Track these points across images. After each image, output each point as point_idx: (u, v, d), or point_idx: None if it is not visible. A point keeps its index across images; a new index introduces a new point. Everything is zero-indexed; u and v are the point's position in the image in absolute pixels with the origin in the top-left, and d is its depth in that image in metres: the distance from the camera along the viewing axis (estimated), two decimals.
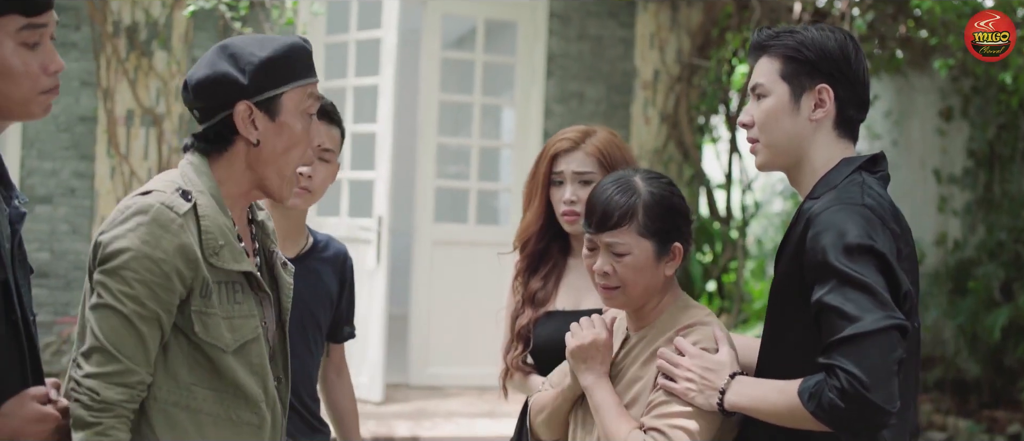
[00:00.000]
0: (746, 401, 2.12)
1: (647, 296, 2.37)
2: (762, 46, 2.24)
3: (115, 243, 2.06)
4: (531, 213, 3.05)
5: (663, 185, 2.38)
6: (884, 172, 2.22)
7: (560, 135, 3.03)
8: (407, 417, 6.69)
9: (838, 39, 2.19)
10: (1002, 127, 8.43)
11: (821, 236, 2.03)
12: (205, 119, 2.19)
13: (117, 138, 7.18)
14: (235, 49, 2.17)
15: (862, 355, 1.91)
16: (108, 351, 2.03)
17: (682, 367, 2.21)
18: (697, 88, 8.17)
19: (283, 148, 2.20)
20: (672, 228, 2.34)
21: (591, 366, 2.37)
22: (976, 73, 7.95)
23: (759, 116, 2.23)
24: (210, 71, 2.16)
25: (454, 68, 8.42)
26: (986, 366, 8.01)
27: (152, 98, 7.26)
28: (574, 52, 8.04)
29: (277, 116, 2.18)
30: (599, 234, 2.36)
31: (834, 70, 2.17)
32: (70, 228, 7.24)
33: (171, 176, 2.19)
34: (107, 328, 2.04)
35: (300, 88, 2.20)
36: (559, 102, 8.01)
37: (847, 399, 1.91)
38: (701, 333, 2.30)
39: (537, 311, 3.01)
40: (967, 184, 8.64)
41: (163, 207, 2.08)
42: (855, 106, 2.22)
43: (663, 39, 8.13)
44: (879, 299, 1.95)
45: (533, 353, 2.99)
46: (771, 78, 2.22)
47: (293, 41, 2.21)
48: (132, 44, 7.19)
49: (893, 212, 2.12)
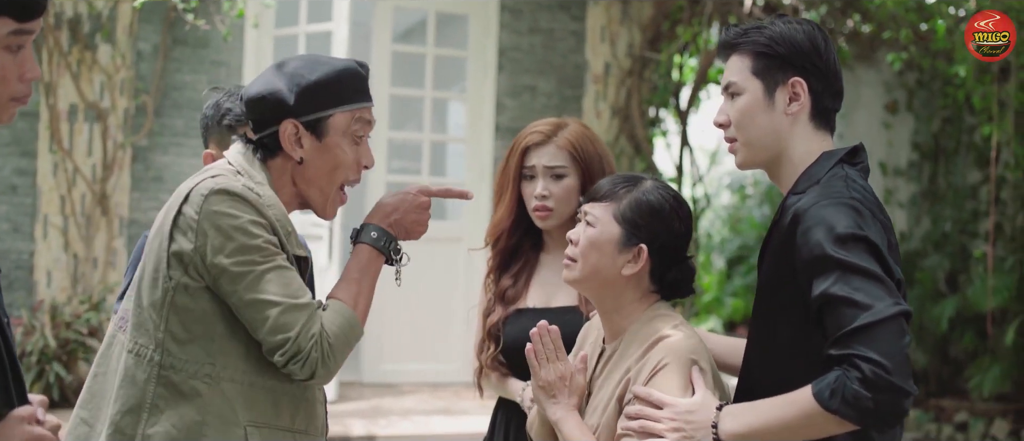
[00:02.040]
0: (746, 427, 2.05)
1: (600, 285, 2.32)
2: (731, 44, 2.22)
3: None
4: (502, 208, 3.00)
5: (666, 195, 2.34)
6: (864, 163, 2.20)
7: (531, 128, 2.97)
8: (362, 415, 6.62)
9: (806, 30, 2.18)
10: (946, 120, 8.56)
11: (812, 231, 2.00)
12: (257, 131, 2.23)
13: (60, 133, 7.00)
14: (289, 68, 2.21)
15: (879, 342, 1.89)
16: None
17: (664, 419, 2.14)
18: (648, 82, 8.18)
19: (328, 169, 2.23)
20: (645, 229, 2.30)
21: (558, 400, 2.34)
22: (922, 67, 8.05)
23: (734, 115, 2.21)
24: (263, 88, 2.21)
25: (404, 61, 8.34)
26: (933, 356, 8.13)
27: (96, 92, 7.09)
28: (525, 45, 8.00)
29: (324, 137, 2.21)
30: (585, 204, 2.37)
31: (806, 62, 2.16)
32: (11, 226, 7.05)
33: (222, 166, 2.21)
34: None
35: (349, 112, 2.22)
36: (510, 96, 7.97)
37: (872, 387, 1.88)
38: (659, 353, 2.21)
39: (507, 309, 2.96)
40: (912, 177, 8.75)
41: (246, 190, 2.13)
42: (830, 96, 2.20)
43: (614, 32, 8.13)
44: (886, 286, 1.94)
45: (503, 352, 2.94)
46: (743, 76, 2.20)
47: (348, 65, 2.24)
48: (75, 37, 7.01)
49: (878, 204, 2.11)
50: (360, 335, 2.20)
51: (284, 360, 2.08)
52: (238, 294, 2.08)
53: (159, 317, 2.11)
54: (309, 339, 2.07)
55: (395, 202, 2.29)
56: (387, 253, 2.27)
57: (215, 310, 2.11)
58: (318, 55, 2.28)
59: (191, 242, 2.08)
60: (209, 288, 2.10)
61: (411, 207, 2.30)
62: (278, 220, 2.15)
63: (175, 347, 2.11)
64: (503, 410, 2.99)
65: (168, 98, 7.28)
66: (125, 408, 2.11)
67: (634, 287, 2.32)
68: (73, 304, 6.84)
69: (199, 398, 2.10)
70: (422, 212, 2.31)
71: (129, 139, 7.12)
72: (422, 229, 2.33)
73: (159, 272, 2.11)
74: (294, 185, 2.24)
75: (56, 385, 6.40)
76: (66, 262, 7.06)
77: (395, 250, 2.28)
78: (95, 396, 2.22)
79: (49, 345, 6.42)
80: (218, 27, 6.52)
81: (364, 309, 2.21)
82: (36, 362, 6.42)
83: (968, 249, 8.30)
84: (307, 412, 2.22)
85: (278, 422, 2.16)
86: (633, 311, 2.33)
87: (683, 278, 2.36)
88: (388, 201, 2.30)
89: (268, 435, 2.14)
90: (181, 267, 2.10)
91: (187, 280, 2.10)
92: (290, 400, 2.18)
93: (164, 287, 2.11)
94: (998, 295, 7.28)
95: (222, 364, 2.11)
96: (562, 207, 2.90)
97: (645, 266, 2.30)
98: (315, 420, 2.25)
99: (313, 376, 2.11)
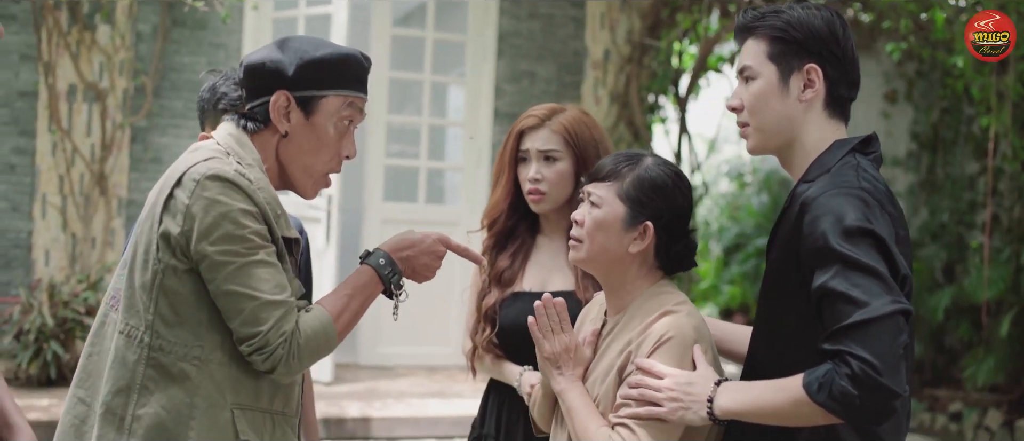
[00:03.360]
0: (739, 405, 2.07)
1: (607, 263, 2.34)
2: (748, 28, 2.20)
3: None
4: (499, 191, 3.02)
5: (667, 171, 2.35)
6: (877, 153, 2.18)
7: (528, 112, 2.98)
8: (357, 397, 6.64)
9: (825, 17, 2.14)
10: (945, 111, 8.56)
11: (819, 221, 1.98)
12: (249, 100, 2.24)
13: (59, 113, 7.01)
14: (293, 44, 2.24)
15: (872, 340, 1.87)
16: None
17: (664, 389, 2.15)
18: (647, 68, 8.18)
19: (310, 148, 2.24)
20: (650, 205, 2.31)
21: (563, 372, 2.36)
22: (921, 57, 8.05)
23: (748, 99, 2.19)
24: (263, 57, 2.23)
25: (403, 45, 8.34)
26: (929, 346, 8.15)
27: (95, 72, 7.09)
28: (525, 31, 8.00)
29: (312, 115, 2.22)
30: (587, 184, 2.38)
31: (822, 49, 2.13)
32: (9, 205, 7.07)
33: (212, 148, 2.21)
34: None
35: (342, 97, 2.24)
36: (509, 81, 7.97)
37: (859, 385, 1.87)
38: (662, 326, 2.24)
39: (503, 292, 2.97)
40: (911, 166, 8.76)
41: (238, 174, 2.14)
42: (845, 85, 2.17)
43: (614, 19, 8.12)
44: (885, 283, 1.91)
45: (499, 335, 2.95)
46: (759, 60, 2.17)
47: (351, 51, 2.26)
48: (74, 17, 7.01)
49: (888, 195, 2.09)
50: (333, 347, 2.21)
51: (249, 350, 2.11)
52: (217, 283, 2.10)
53: (149, 299, 2.13)
54: (279, 336, 2.09)
55: (413, 240, 2.32)
56: (387, 283, 2.28)
57: (201, 293, 2.13)
58: (323, 39, 2.29)
59: (179, 225, 2.10)
60: (194, 270, 2.12)
61: (426, 250, 2.32)
62: (268, 203, 2.16)
63: (164, 329, 2.12)
64: (495, 393, 3.01)
65: (167, 79, 7.28)
66: (115, 389, 2.13)
67: (639, 263, 2.34)
68: (71, 283, 6.86)
69: (188, 380, 2.12)
70: (435, 259, 2.34)
71: (128, 120, 7.13)
72: (429, 275, 2.35)
73: (149, 254, 2.13)
74: (278, 161, 2.26)
75: (53, 363, 6.43)
76: (64, 241, 7.08)
77: (396, 284, 2.30)
78: (91, 375, 2.24)
79: (47, 324, 6.44)
80: (217, 9, 6.52)
81: (346, 325, 2.22)
82: (34, 340, 6.44)
83: (965, 240, 8.31)
84: (285, 395, 2.25)
85: (258, 404, 2.19)
86: (638, 287, 2.35)
87: (686, 252, 2.38)
88: (407, 237, 2.33)
89: (251, 417, 2.17)
90: (169, 249, 2.11)
91: (175, 262, 2.11)
92: (270, 383, 2.20)
93: (153, 269, 2.12)
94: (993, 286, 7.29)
95: (210, 347, 2.13)
96: (555, 191, 2.91)
97: (651, 242, 2.32)
98: (291, 402, 2.27)
99: (272, 371, 2.13)
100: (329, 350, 2.19)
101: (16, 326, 6.56)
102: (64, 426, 2.24)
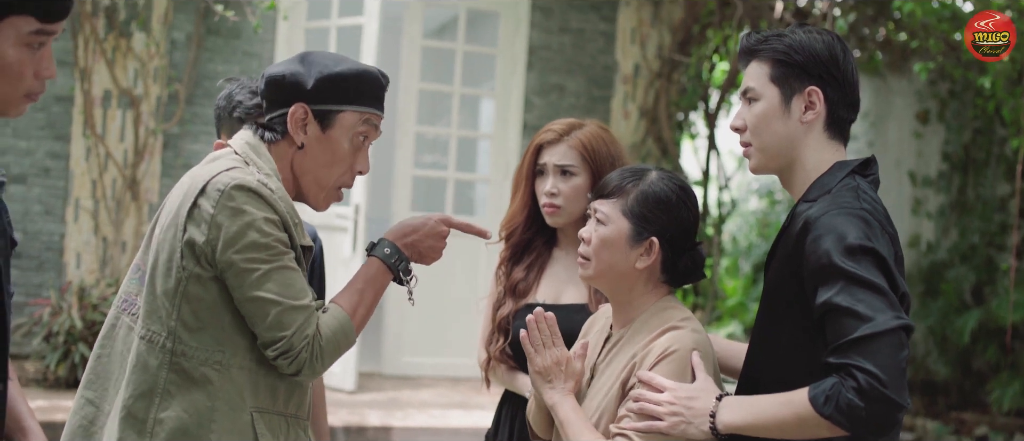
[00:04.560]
0: (742, 419, 2.10)
1: (615, 279, 2.36)
2: (751, 51, 2.26)
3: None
4: (516, 203, 3.06)
5: (672, 185, 2.37)
6: (875, 176, 2.23)
7: (548, 127, 3.02)
8: (379, 407, 6.68)
9: (826, 41, 2.20)
10: (978, 131, 8.49)
11: (821, 240, 2.03)
12: (268, 111, 2.29)
13: (93, 119, 7.12)
14: (314, 58, 2.29)
15: (877, 354, 1.92)
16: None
17: (665, 403, 2.18)
18: (677, 84, 8.18)
19: (325, 161, 2.29)
20: (655, 221, 2.33)
21: (554, 385, 2.38)
22: (953, 77, 8.00)
23: (751, 120, 2.24)
24: (284, 69, 2.27)
25: (434, 57, 8.41)
26: (955, 368, 8.08)
27: (130, 79, 7.20)
28: (555, 44, 8.03)
29: (328, 129, 2.27)
30: (594, 201, 2.41)
31: (823, 72, 2.19)
32: (43, 208, 7.18)
33: (232, 157, 2.26)
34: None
35: (359, 113, 2.29)
36: (539, 94, 8.01)
37: (866, 398, 1.92)
38: (666, 341, 2.26)
39: (517, 302, 3.01)
40: (941, 187, 8.70)
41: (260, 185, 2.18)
42: (845, 107, 2.23)
43: (644, 34, 8.14)
44: (888, 299, 1.97)
45: (512, 345, 2.98)
46: (761, 82, 2.23)
47: (370, 69, 2.30)
48: (111, 24, 7.12)
49: (886, 216, 2.15)
50: (352, 343, 2.26)
51: (275, 355, 2.16)
52: (242, 289, 2.14)
53: (172, 305, 2.17)
54: (302, 339, 2.15)
55: (415, 224, 2.36)
56: (396, 271, 2.33)
57: (224, 299, 2.17)
58: (343, 56, 2.34)
59: (204, 234, 2.14)
60: (218, 278, 2.17)
61: (429, 232, 2.36)
62: (288, 212, 2.21)
63: (187, 335, 2.17)
64: (509, 404, 3.03)
65: (200, 87, 7.38)
66: (138, 393, 2.17)
67: (646, 278, 2.36)
68: (100, 287, 6.95)
69: (210, 385, 2.16)
70: (439, 240, 2.37)
71: (161, 126, 7.23)
72: (436, 256, 2.38)
73: (173, 262, 2.17)
74: (292, 172, 2.30)
75: (81, 365, 6.51)
76: (95, 245, 7.18)
77: (404, 270, 2.34)
78: (100, 377, 2.28)
79: (75, 326, 6.54)
80: (249, 18, 6.60)
81: (362, 319, 2.28)
82: (62, 342, 6.54)
83: (995, 262, 8.24)
84: (298, 398, 2.30)
85: (275, 407, 2.24)
86: (645, 301, 2.37)
87: (693, 265, 2.40)
88: (409, 222, 2.37)
89: (269, 420, 2.22)
90: (193, 258, 2.16)
91: (199, 271, 2.16)
92: (287, 386, 2.25)
93: (177, 276, 2.16)
94: (1020, 309, 7.23)
95: (231, 352, 2.18)
96: (571, 205, 2.95)
97: (657, 257, 2.34)
98: (304, 405, 2.32)
99: (298, 373, 2.18)
100: (349, 346, 2.24)
101: (46, 328, 6.66)
102: (72, 427, 2.28)
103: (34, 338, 6.83)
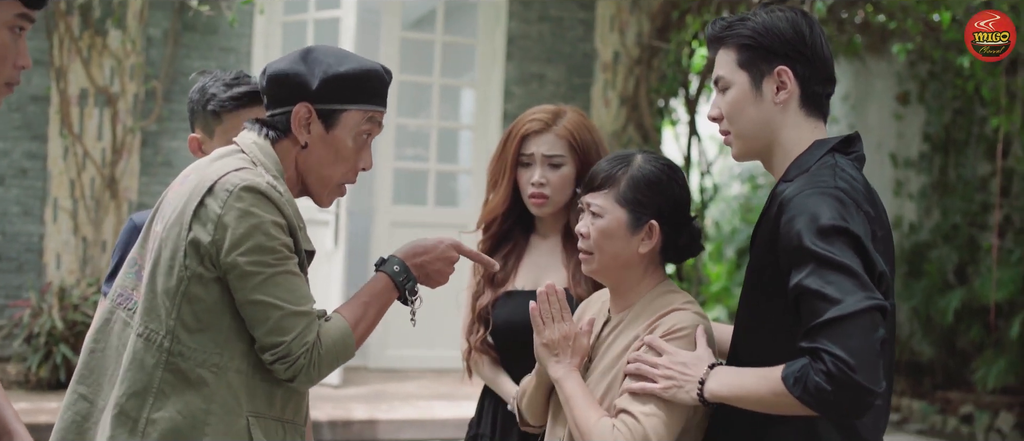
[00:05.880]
0: (726, 390, 2.12)
1: (619, 269, 2.37)
2: (717, 39, 2.25)
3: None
4: (498, 194, 3.02)
5: (659, 165, 2.38)
6: (858, 153, 2.21)
7: (529, 115, 2.99)
8: (364, 400, 6.66)
9: (789, 18, 2.19)
10: (958, 112, 8.52)
11: (794, 221, 2.02)
12: (270, 107, 2.28)
13: (70, 118, 7.06)
14: (317, 54, 2.27)
15: (846, 337, 1.90)
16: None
17: (660, 366, 2.21)
18: (657, 71, 8.17)
19: (329, 160, 2.27)
20: (650, 204, 2.34)
21: (561, 359, 2.38)
22: (933, 58, 8.02)
23: (725, 108, 2.24)
24: (287, 67, 2.25)
25: (413, 49, 8.37)
26: (939, 348, 8.11)
27: (106, 77, 7.15)
28: (534, 33, 8.01)
29: (332, 129, 2.26)
30: (585, 195, 2.40)
31: (789, 50, 2.17)
32: (21, 209, 7.12)
33: (240, 157, 2.24)
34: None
35: (363, 111, 2.27)
36: (519, 84, 7.99)
37: (834, 382, 1.90)
38: (673, 319, 2.29)
39: (496, 291, 2.99)
40: (923, 168, 8.72)
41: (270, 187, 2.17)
42: (818, 82, 2.21)
43: (623, 21, 8.12)
44: (859, 280, 1.95)
45: (493, 334, 2.97)
46: (730, 69, 2.22)
47: (374, 66, 2.29)
48: (86, 22, 7.06)
49: (867, 194, 2.12)
50: (352, 355, 2.25)
51: (272, 359, 2.14)
52: (245, 292, 2.12)
53: (172, 304, 2.14)
54: (301, 346, 2.13)
55: (427, 246, 2.36)
56: (402, 289, 2.32)
57: (226, 301, 2.15)
58: (347, 51, 2.33)
59: (210, 234, 2.12)
60: (220, 279, 2.14)
61: (439, 256, 2.35)
62: (294, 216, 2.20)
63: (185, 335, 2.14)
64: (491, 394, 3.02)
65: (177, 83, 7.33)
66: (131, 391, 2.15)
67: (647, 262, 2.38)
68: (81, 287, 6.91)
69: (206, 387, 2.14)
70: (448, 265, 2.37)
71: (138, 124, 7.18)
72: (442, 280, 2.38)
73: (175, 260, 2.14)
74: (296, 170, 2.29)
75: (63, 366, 6.48)
76: (75, 245, 7.13)
77: (411, 290, 2.33)
78: (94, 372, 2.26)
79: (57, 327, 6.49)
80: (225, 13, 6.56)
81: (364, 332, 2.26)
82: (44, 343, 6.49)
83: (977, 241, 8.27)
84: (296, 403, 2.28)
85: (272, 412, 2.22)
86: (644, 284, 2.38)
87: (692, 238, 2.41)
88: (421, 243, 2.37)
89: (265, 425, 2.20)
90: (197, 257, 2.13)
91: (202, 271, 2.13)
92: (284, 391, 2.23)
93: (179, 276, 2.14)
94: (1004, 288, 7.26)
95: (229, 355, 2.15)
96: (558, 195, 2.93)
97: (658, 239, 2.35)
98: (300, 411, 2.31)
99: (293, 380, 2.17)
100: (348, 358, 2.23)
101: (26, 329, 6.62)
102: (64, 422, 2.25)
103: (15, 340, 6.78)
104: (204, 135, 2.76)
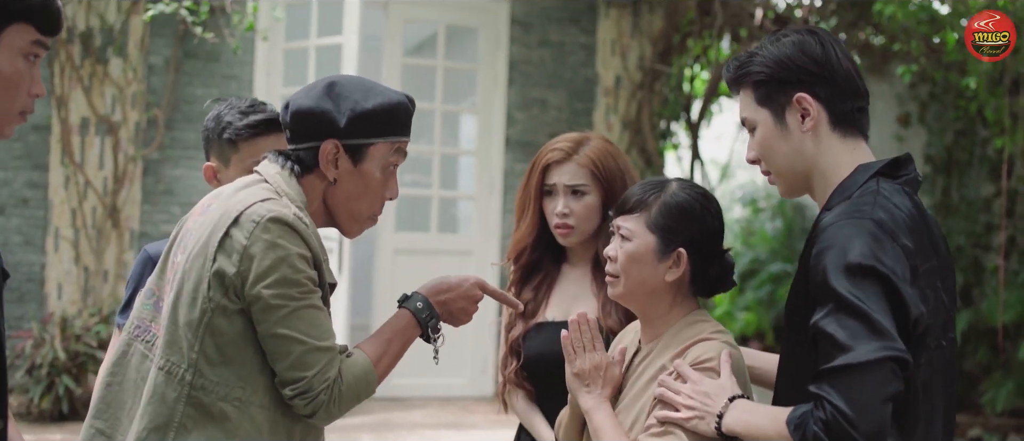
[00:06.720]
0: (740, 427, 2.06)
1: (646, 296, 2.33)
2: (734, 82, 2.19)
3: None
4: (525, 225, 2.99)
5: (693, 194, 2.34)
6: (909, 176, 2.08)
7: (552, 144, 2.95)
8: (370, 429, 6.60)
9: (797, 41, 2.11)
10: (959, 133, 8.51)
11: (824, 254, 1.93)
12: (294, 141, 2.25)
13: (71, 147, 7.03)
14: (342, 90, 2.24)
15: (849, 388, 1.83)
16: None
17: (683, 394, 2.16)
18: (659, 94, 8.17)
19: (358, 193, 2.26)
20: (680, 231, 2.30)
21: (591, 390, 2.35)
22: (934, 79, 8.02)
23: (758, 149, 2.17)
24: (312, 103, 2.23)
25: (415, 75, 8.36)
26: None
27: (107, 106, 7.12)
28: (536, 58, 8.00)
29: (360, 163, 2.24)
30: (616, 218, 2.38)
31: (803, 75, 2.08)
32: (23, 239, 7.08)
33: (265, 187, 2.21)
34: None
35: (390, 143, 2.26)
36: (520, 109, 7.97)
37: (830, 433, 1.83)
38: (701, 349, 2.25)
39: (528, 323, 2.96)
40: (925, 190, 8.71)
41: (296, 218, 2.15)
42: (843, 98, 2.09)
43: (625, 45, 8.12)
44: (875, 328, 1.85)
45: (525, 366, 2.93)
46: (752, 109, 2.15)
47: (400, 99, 2.27)
48: (87, 51, 7.04)
49: (912, 223, 1.99)
50: (373, 392, 2.23)
51: (292, 394, 2.11)
52: (268, 325, 2.10)
53: (194, 337, 2.11)
54: (322, 382, 2.10)
55: (451, 284, 2.35)
56: (425, 326, 2.30)
57: (249, 334, 2.12)
58: (369, 82, 2.30)
59: (235, 266, 2.09)
60: (244, 311, 2.11)
61: (463, 295, 2.35)
62: (319, 249, 2.18)
63: (208, 368, 2.11)
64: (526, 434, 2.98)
65: (179, 111, 7.30)
66: (152, 425, 2.11)
67: (676, 291, 2.34)
68: (83, 317, 6.85)
69: (228, 421, 2.10)
70: (471, 304, 2.36)
71: (140, 152, 7.15)
72: (466, 319, 2.37)
73: (199, 291, 2.11)
74: (324, 205, 2.27)
75: (65, 397, 6.42)
76: (77, 275, 7.08)
77: (434, 327, 2.32)
78: (111, 406, 2.23)
79: (59, 357, 6.44)
80: (227, 41, 6.54)
81: (385, 369, 2.24)
82: (46, 374, 6.43)
83: (982, 262, 8.24)
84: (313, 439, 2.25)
85: None
86: (674, 314, 2.35)
87: (723, 272, 2.36)
88: (445, 281, 2.35)
89: None
90: (222, 289, 2.10)
91: (226, 302, 2.10)
92: (303, 427, 2.20)
93: (202, 307, 2.10)
94: (1010, 309, 7.22)
95: (252, 389, 2.12)
96: (583, 224, 2.90)
97: (686, 268, 2.31)
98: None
99: (313, 415, 2.14)
100: (368, 395, 2.21)
101: (28, 360, 6.56)
102: None
103: (17, 371, 6.72)
104: (219, 163, 2.73)
